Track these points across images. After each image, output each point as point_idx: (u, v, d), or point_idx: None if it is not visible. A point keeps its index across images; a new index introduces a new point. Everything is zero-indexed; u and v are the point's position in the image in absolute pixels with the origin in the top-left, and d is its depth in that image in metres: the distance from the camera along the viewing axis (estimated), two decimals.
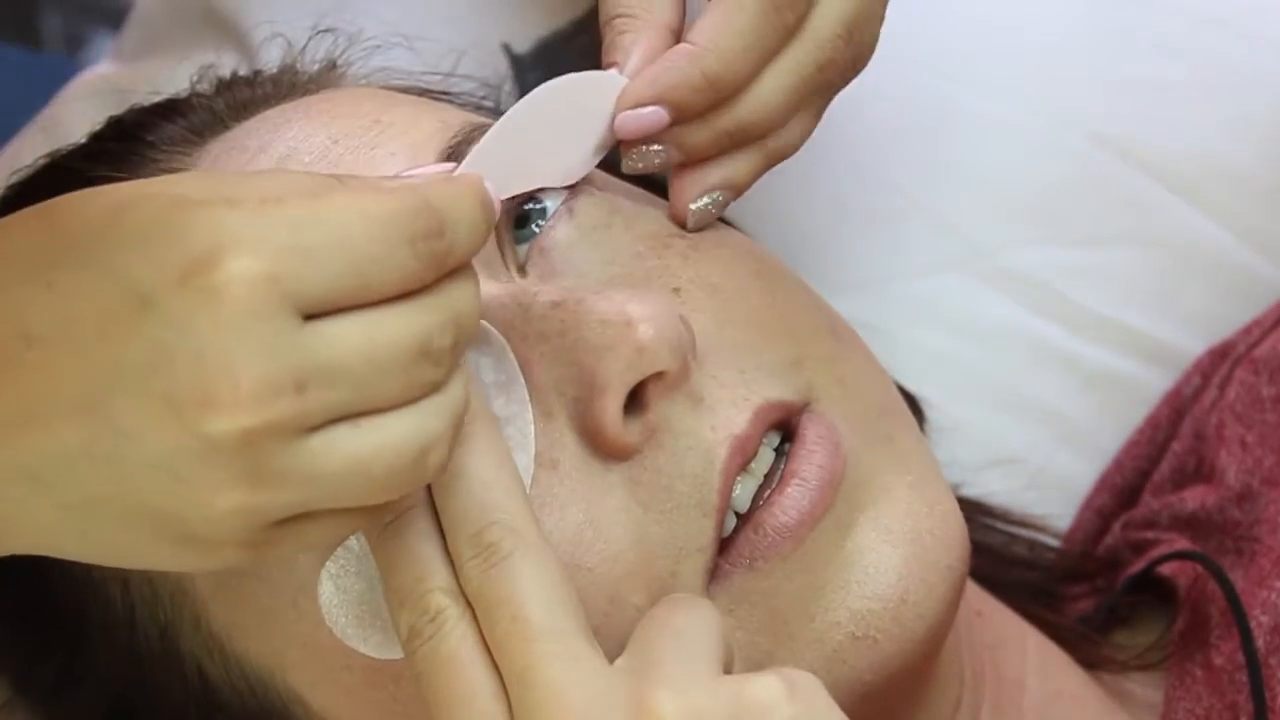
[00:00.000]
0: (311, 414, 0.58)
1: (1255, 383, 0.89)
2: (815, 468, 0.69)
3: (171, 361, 0.57)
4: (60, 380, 0.58)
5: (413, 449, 0.59)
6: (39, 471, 0.59)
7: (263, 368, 0.57)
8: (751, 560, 0.68)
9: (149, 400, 0.57)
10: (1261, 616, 0.80)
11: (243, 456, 0.57)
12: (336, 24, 0.85)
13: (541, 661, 0.60)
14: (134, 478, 0.58)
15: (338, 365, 0.58)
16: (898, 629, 0.68)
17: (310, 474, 0.58)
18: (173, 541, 0.59)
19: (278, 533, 0.59)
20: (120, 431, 0.58)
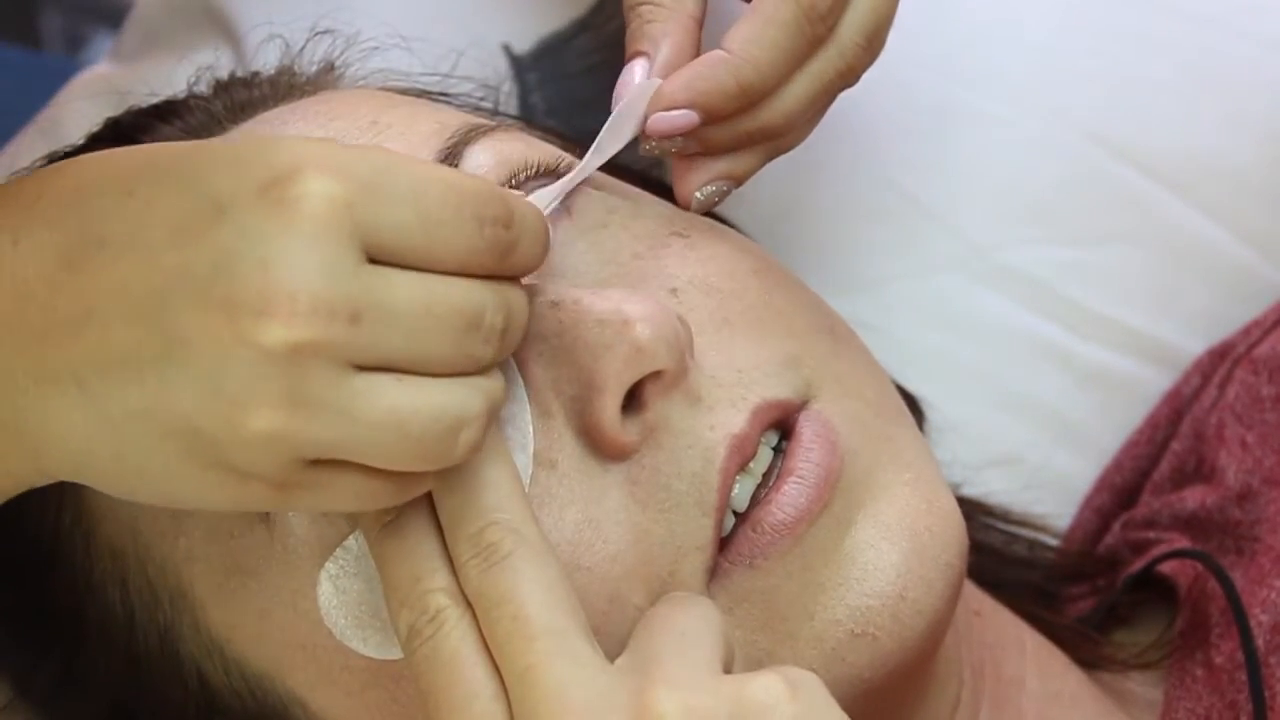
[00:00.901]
0: (361, 348, 0.59)
1: (1255, 382, 0.89)
2: (812, 465, 0.69)
3: (236, 267, 0.58)
4: (125, 283, 0.60)
5: (450, 417, 0.60)
6: (87, 378, 0.60)
7: (323, 286, 0.58)
8: (751, 558, 0.68)
9: (207, 305, 0.58)
10: (1261, 615, 0.80)
11: (287, 373, 0.58)
12: (334, 25, 0.85)
13: (542, 661, 0.60)
14: (178, 388, 0.59)
15: (394, 309, 0.59)
16: (897, 626, 0.68)
17: (348, 412, 0.59)
18: (203, 466, 0.60)
19: (306, 476, 0.60)
20: (173, 337, 0.59)
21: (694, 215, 0.76)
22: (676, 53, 0.74)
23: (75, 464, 0.62)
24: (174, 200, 0.60)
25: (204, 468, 0.60)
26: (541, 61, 0.98)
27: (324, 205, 0.59)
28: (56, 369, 0.60)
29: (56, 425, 0.61)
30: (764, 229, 0.91)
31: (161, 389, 0.59)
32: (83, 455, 0.61)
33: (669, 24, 0.75)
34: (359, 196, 0.59)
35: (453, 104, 0.83)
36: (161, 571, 0.71)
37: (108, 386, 0.60)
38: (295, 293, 0.58)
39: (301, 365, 0.58)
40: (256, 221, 0.59)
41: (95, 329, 0.60)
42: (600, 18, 0.98)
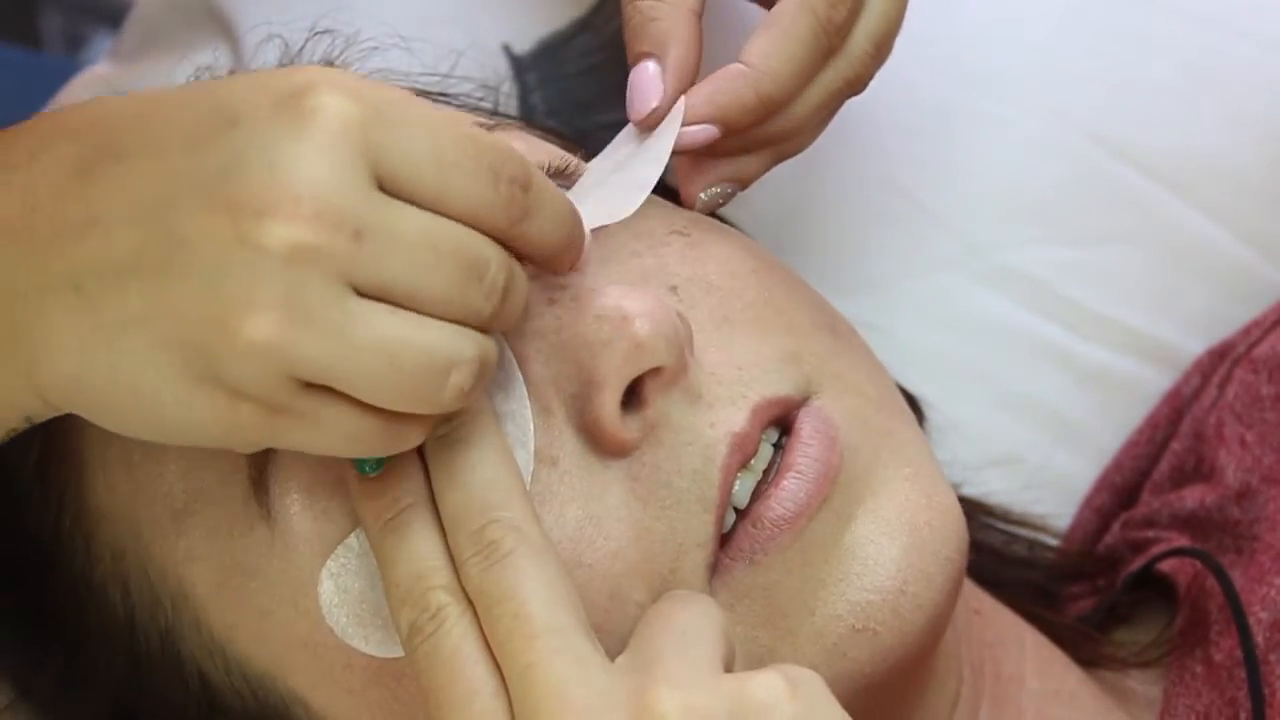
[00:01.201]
0: (361, 266, 0.59)
1: (1255, 382, 0.89)
2: (811, 460, 0.69)
3: (243, 169, 0.59)
4: (134, 189, 0.60)
5: (441, 357, 0.60)
6: (84, 282, 0.60)
7: (330, 193, 0.59)
8: (752, 554, 0.68)
9: (211, 205, 0.59)
10: (1261, 613, 0.80)
11: (285, 278, 0.58)
12: (334, 25, 0.85)
13: (543, 659, 0.60)
14: (177, 292, 0.59)
15: (399, 234, 0.60)
16: (897, 620, 0.68)
17: (342, 331, 0.59)
18: (196, 381, 0.59)
19: (297, 401, 0.59)
20: (175, 238, 0.59)
21: (695, 214, 0.76)
22: (686, 53, 0.75)
23: (68, 381, 0.61)
24: (190, 114, 0.61)
25: (196, 383, 0.60)
26: (541, 62, 0.98)
27: (337, 119, 0.59)
28: (57, 276, 0.60)
29: (54, 335, 0.61)
30: (765, 229, 0.91)
31: (160, 293, 0.59)
32: (77, 370, 0.61)
33: (672, 22, 0.75)
34: (373, 118, 0.60)
35: (452, 104, 0.83)
36: (162, 571, 0.71)
37: (106, 292, 0.60)
38: (300, 196, 0.58)
39: (300, 272, 0.58)
40: (269, 129, 0.59)
41: (98, 234, 0.60)
42: (600, 18, 0.98)
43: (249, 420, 0.60)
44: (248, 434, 0.61)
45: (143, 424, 0.62)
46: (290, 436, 0.61)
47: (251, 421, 0.60)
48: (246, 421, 0.60)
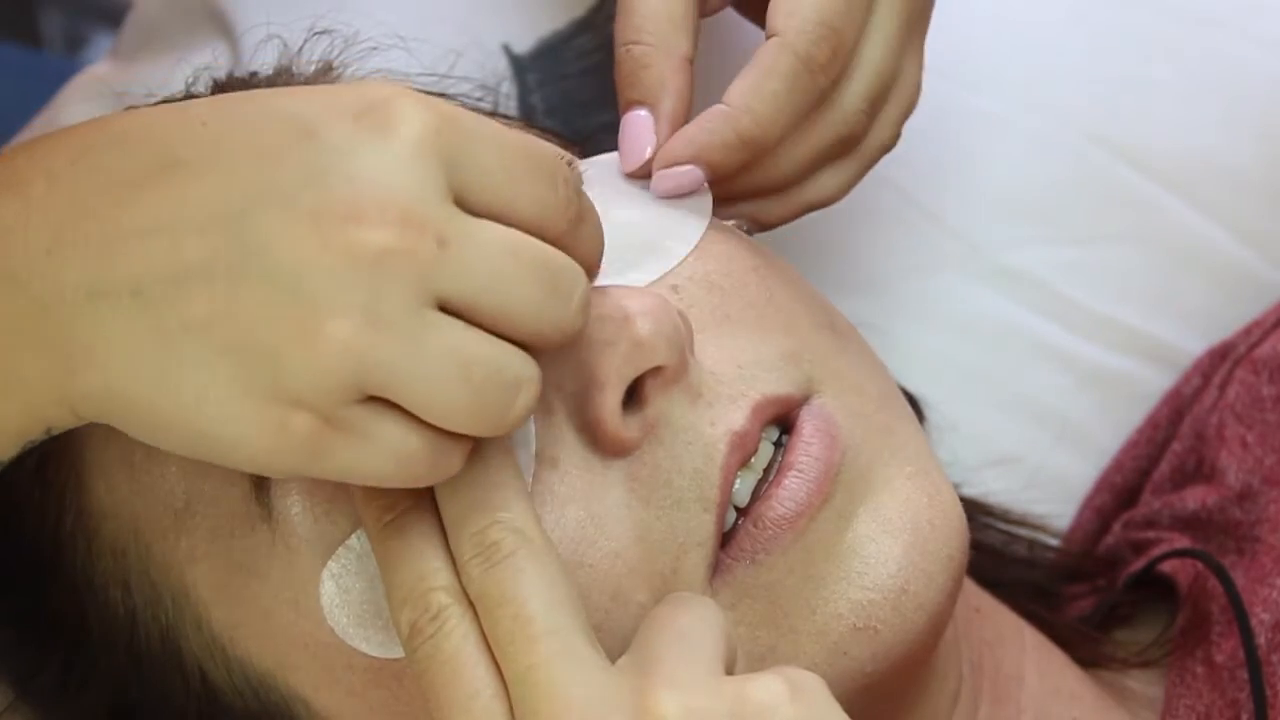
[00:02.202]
0: (444, 273, 0.59)
1: (1256, 383, 0.89)
2: (812, 459, 0.69)
3: (325, 180, 0.59)
4: (202, 198, 0.60)
5: (512, 374, 0.60)
6: (146, 287, 0.59)
7: (415, 201, 0.59)
8: (753, 554, 0.68)
9: (292, 215, 0.58)
10: (1263, 614, 0.80)
11: (369, 283, 0.58)
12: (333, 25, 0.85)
13: (543, 661, 0.60)
14: (250, 297, 0.58)
15: (481, 243, 0.60)
16: (898, 619, 0.68)
17: (419, 339, 0.59)
18: (248, 393, 0.59)
19: (354, 414, 0.59)
20: (249, 246, 0.59)
21: None
22: (678, 103, 0.75)
23: (108, 388, 0.61)
24: (255, 126, 0.60)
25: (250, 393, 0.59)
26: (541, 62, 0.98)
27: (418, 128, 0.59)
28: (114, 281, 0.60)
29: (102, 340, 0.60)
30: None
31: (231, 298, 0.59)
32: (121, 372, 0.60)
33: (664, 69, 0.75)
34: (449, 128, 0.60)
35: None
36: (164, 571, 0.71)
37: (170, 296, 0.59)
38: (386, 203, 0.58)
39: (384, 277, 0.58)
40: (348, 141, 0.59)
41: (164, 241, 0.59)
42: (600, 18, 0.98)
43: (300, 433, 0.59)
44: (291, 453, 0.60)
45: (180, 435, 0.61)
46: (337, 456, 0.60)
47: (302, 435, 0.59)
48: (296, 435, 0.59)
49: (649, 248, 0.72)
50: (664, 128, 0.75)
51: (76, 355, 0.61)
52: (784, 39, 0.75)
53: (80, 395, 0.61)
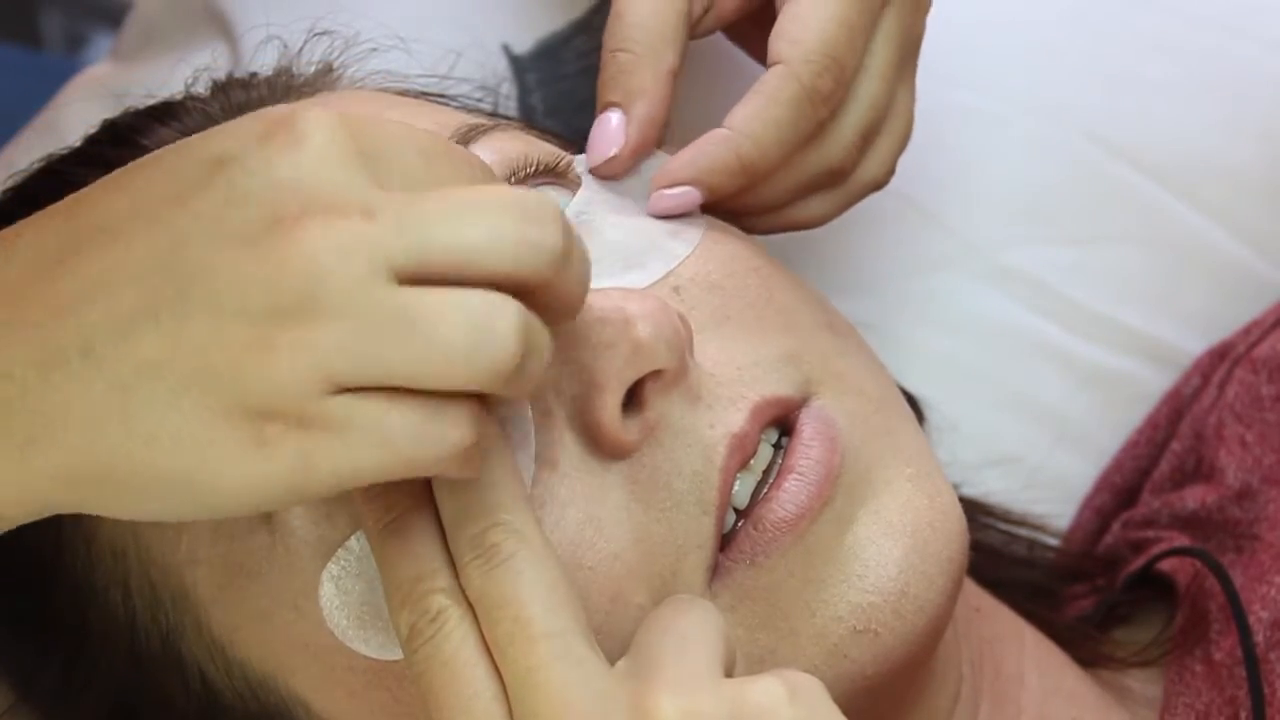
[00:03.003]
0: (380, 243, 0.57)
1: (1255, 382, 0.89)
2: (812, 462, 0.69)
3: (245, 200, 0.58)
4: (128, 251, 0.59)
5: (483, 313, 0.57)
6: (93, 344, 0.58)
7: (335, 188, 0.58)
8: (752, 556, 0.68)
9: (219, 238, 0.58)
10: (1261, 612, 0.80)
11: (306, 276, 0.57)
12: (333, 26, 0.85)
13: (543, 663, 0.60)
14: (196, 322, 0.57)
15: (412, 203, 0.58)
16: (899, 622, 0.68)
17: (368, 314, 0.57)
18: (221, 414, 0.57)
19: (329, 408, 0.57)
20: (186, 278, 0.58)
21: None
22: (653, 109, 0.75)
23: (86, 446, 0.59)
24: (167, 173, 0.60)
25: (217, 420, 0.57)
26: (540, 62, 0.98)
27: (327, 132, 0.59)
28: (59, 347, 0.59)
29: (63, 402, 0.59)
30: None
31: (179, 332, 0.58)
32: (93, 429, 0.59)
33: (645, 78, 0.75)
34: (360, 129, 0.60)
35: (451, 105, 0.83)
36: (163, 573, 0.71)
37: (119, 347, 0.58)
38: (307, 200, 0.58)
39: (321, 265, 0.57)
40: (261, 160, 0.58)
41: (102, 297, 0.59)
42: (599, 18, 0.98)
43: (279, 443, 0.58)
44: (278, 471, 0.58)
45: (159, 487, 0.59)
46: (324, 458, 0.58)
47: (282, 446, 0.58)
48: (277, 447, 0.58)
49: (650, 248, 0.72)
50: (634, 130, 0.75)
51: (34, 432, 0.59)
52: (789, 67, 0.76)
53: (47, 475, 0.60)
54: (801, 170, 0.78)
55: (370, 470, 0.58)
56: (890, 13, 0.79)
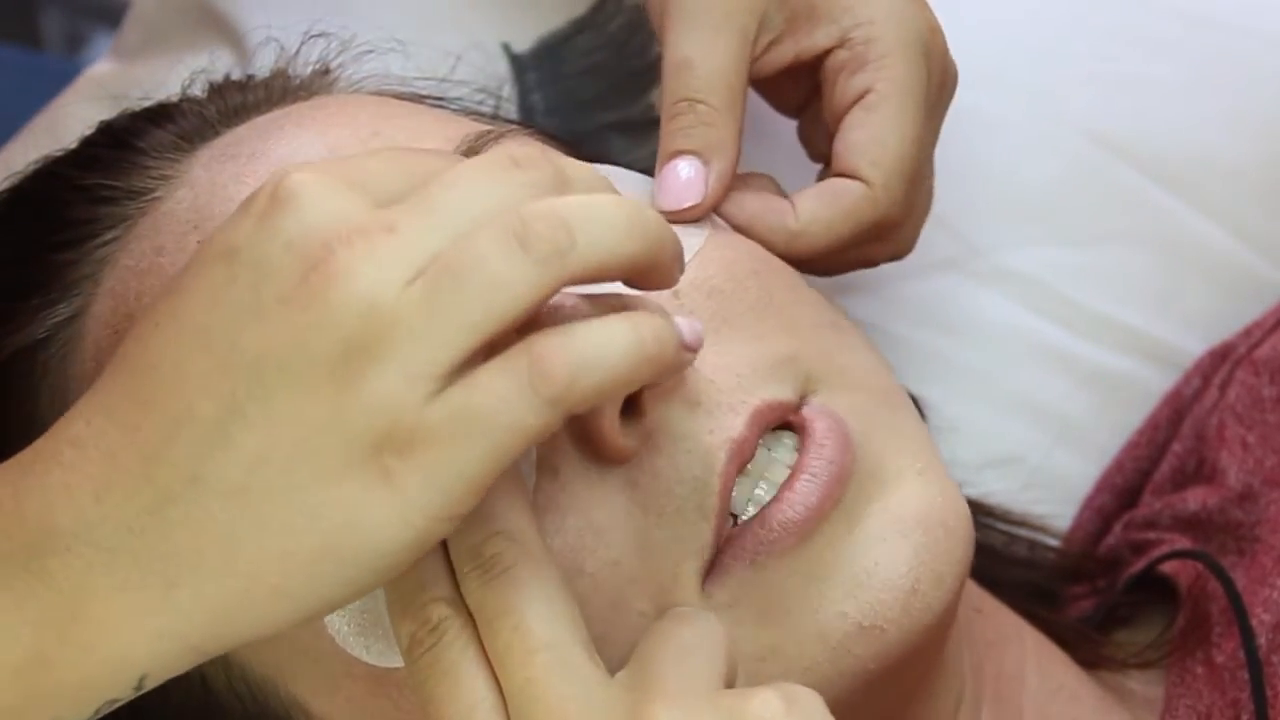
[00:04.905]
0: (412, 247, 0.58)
1: (1256, 384, 0.89)
2: (825, 462, 0.68)
3: (269, 267, 0.58)
4: (190, 371, 0.59)
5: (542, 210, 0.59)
6: (195, 469, 0.58)
7: (348, 218, 0.58)
8: (754, 555, 0.68)
9: (263, 313, 0.58)
10: (1263, 615, 0.80)
11: (356, 302, 0.57)
12: (331, 28, 0.84)
13: (542, 674, 0.60)
14: (279, 403, 0.58)
15: (432, 199, 0.59)
16: (906, 619, 0.68)
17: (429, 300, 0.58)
18: (341, 471, 0.57)
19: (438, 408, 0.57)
20: (254, 361, 0.58)
21: None
22: (731, 163, 0.76)
23: (219, 582, 0.59)
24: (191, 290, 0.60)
25: (341, 472, 0.58)
26: (541, 61, 0.98)
27: (311, 178, 0.59)
28: (164, 486, 0.59)
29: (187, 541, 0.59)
30: None
31: (266, 412, 0.58)
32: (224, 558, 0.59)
33: (727, 132, 0.76)
34: (333, 166, 0.60)
35: (450, 108, 0.83)
36: None
37: (218, 458, 0.58)
38: (327, 239, 0.58)
39: (364, 284, 0.57)
40: (268, 230, 0.59)
41: (184, 424, 0.59)
42: (600, 17, 0.98)
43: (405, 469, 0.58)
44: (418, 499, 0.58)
45: (320, 572, 0.59)
46: (446, 461, 0.58)
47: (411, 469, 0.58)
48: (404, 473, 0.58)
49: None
50: (715, 184, 0.76)
51: (175, 575, 0.59)
52: (872, 192, 0.78)
53: (198, 617, 0.60)
54: (845, 263, 0.80)
55: (488, 457, 0.59)
56: (941, 107, 0.82)
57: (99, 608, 0.60)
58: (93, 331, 0.74)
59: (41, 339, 0.75)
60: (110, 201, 0.75)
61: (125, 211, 0.75)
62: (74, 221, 0.75)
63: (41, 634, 0.60)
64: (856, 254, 0.80)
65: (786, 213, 0.77)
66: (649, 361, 0.60)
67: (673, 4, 0.77)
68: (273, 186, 0.59)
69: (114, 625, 0.60)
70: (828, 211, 0.77)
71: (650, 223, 0.61)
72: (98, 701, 0.62)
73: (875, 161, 0.78)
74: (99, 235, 0.75)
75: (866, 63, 0.79)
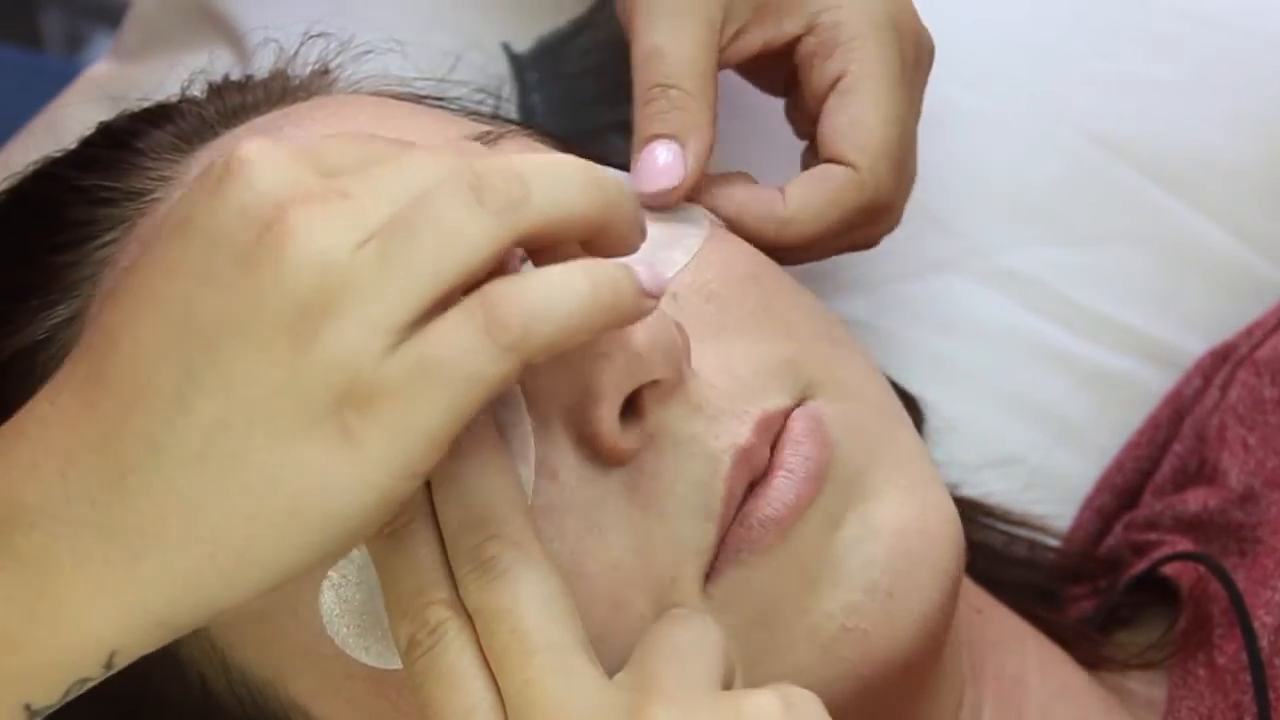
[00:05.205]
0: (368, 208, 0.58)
1: (1257, 385, 0.89)
2: (801, 459, 0.68)
3: (222, 232, 0.58)
4: (146, 340, 0.59)
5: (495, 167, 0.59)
6: (153, 436, 0.58)
7: (299, 180, 0.59)
8: (738, 553, 0.68)
9: (218, 276, 0.58)
10: (1265, 617, 0.80)
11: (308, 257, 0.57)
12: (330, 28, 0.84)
13: (540, 676, 0.60)
14: (239, 362, 0.58)
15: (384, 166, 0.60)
16: (888, 622, 0.68)
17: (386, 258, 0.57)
18: (302, 430, 0.57)
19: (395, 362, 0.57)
20: (209, 325, 0.58)
21: None
22: (706, 144, 0.76)
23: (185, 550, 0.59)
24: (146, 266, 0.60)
25: (301, 431, 0.58)
26: (541, 61, 0.98)
27: (262, 148, 0.59)
28: (125, 455, 0.59)
29: (149, 510, 0.59)
30: None
31: (222, 375, 0.58)
32: (187, 525, 0.59)
33: (700, 114, 0.76)
34: (286, 141, 0.61)
35: (449, 108, 0.83)
36: None
37: (177, 424, 0.58)
38: (279, 199, 0.58)
39: (317, 236, 0.57)
40: (220, 198, 0.59)
41: (144, 393, 0.59)
42: (600, 16, 0.98)
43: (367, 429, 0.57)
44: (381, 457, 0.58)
45: (285, 535, 0.59)
46: (409, 415, 0.58)
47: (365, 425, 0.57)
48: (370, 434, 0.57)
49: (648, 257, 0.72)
50: (693, 165, 0.76)
51: (139, 545, 0.59)
52: (859, 176, 0.78)
53: (166, 587, 0.60)
54: (836, 248, 0.81)
55: (448, 409, 0.58)
56: (919, 82, 0.82)
57: (65, 583, 0.60)
58: None
59: (41, 340, 0.75)
60: (109, 203, 0.75)
61: (124, 213, 0.75)
62: (73, 223, 0.75)
63: (8, 612, 0.60)
64: (848, 238, 0.80)
65: (775, 201, 0.77)
66: (605, 307, 0.60)
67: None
68: (226, 157, 0.59)
69: (81, 600, 0.60)
70: (817, 197, 0.77)
71: (607, 183, 0.61)
72: (67, 682, 0.62)
73: (860, 146, 0.78)
74: (98, 237, 0.75)
75: (837, 47, 0.79)
